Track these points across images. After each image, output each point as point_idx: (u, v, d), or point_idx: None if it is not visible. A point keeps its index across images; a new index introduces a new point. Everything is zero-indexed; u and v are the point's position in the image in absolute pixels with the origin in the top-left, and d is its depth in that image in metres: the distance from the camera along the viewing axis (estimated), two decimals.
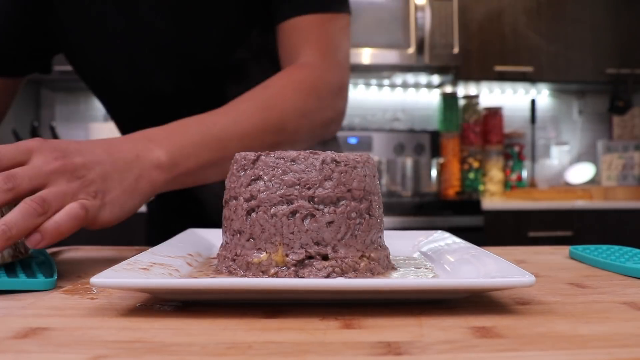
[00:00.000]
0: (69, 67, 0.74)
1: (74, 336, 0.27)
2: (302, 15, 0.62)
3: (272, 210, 0.37)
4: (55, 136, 2.27)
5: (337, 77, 0.63)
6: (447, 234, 0.50)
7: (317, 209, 0.37)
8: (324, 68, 0.62)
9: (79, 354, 0.24)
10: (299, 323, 0.29)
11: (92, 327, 0.28)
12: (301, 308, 0.32)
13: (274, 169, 0.38)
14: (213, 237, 0.51)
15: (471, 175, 2.49)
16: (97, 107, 2.52)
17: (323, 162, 0.38)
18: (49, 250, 0.56)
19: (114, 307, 0.33)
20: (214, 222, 0.54)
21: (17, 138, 2.14)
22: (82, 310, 0.32)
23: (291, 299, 0.33)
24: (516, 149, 2.56)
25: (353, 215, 0.38)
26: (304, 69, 0.61)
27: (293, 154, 0.39)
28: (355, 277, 0.37)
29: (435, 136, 2.50)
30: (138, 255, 0.38)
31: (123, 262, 0.35)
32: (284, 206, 0.37)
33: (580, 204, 2.16)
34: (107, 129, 2.33)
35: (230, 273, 0.39)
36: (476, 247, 0.42)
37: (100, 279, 0.30)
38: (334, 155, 0.39)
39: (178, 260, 0.40)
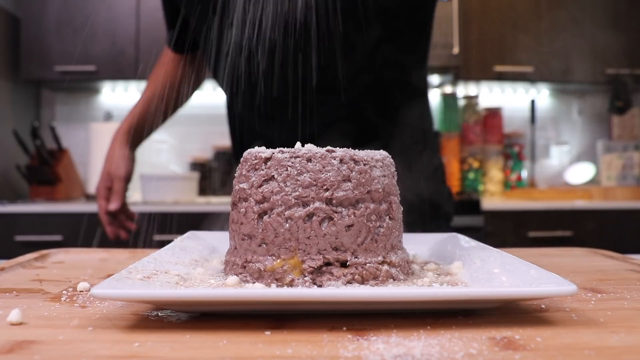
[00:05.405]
0: (68, 67, 0.72)
1: (64, 350, 0.24)
2: None
3: (286, 213, 0.34)
4: (55, 136, 2.24)
5: None
6: (460, 236, 0.48)
7: (336, 212, 0.34)
8: None
9: None
10: (307, 334, 0.27)
11: (84, 339, 0.26)
12: (307, 317, 0.30)
13: (288, 169, 0.35)
14: (215, 240, 0.50)
15: (471, 175, 2.47)
16: (97, 107, 2.49)
17: (341, 161, 0.35)
18: (39, 253, 0.54)
19: (107, 316, 0.30)
20: None
21: (17, 138, 2.10)
22: (72, 320, 0.30)
23: (309, 309, 0.30)
24: (516, 149, 2.55)
25: (373, 218, 0.35)
26: None
27: (308, 152, 0.36)
28: (377, 285, 0.35)
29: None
30: (139, 262, 0.35)
31: (124, 270, 0.32)
32: (300, 209, 0.34)
33: (580, 204, 2.14)
34: (107, 129, 2.30)
35: (241, 281, 0.36)
36: (492, 249, 0.40)
37: (102, 289, 0.27)
38: (352, 154, 0.36)
39: (182, 267, 0.38)
